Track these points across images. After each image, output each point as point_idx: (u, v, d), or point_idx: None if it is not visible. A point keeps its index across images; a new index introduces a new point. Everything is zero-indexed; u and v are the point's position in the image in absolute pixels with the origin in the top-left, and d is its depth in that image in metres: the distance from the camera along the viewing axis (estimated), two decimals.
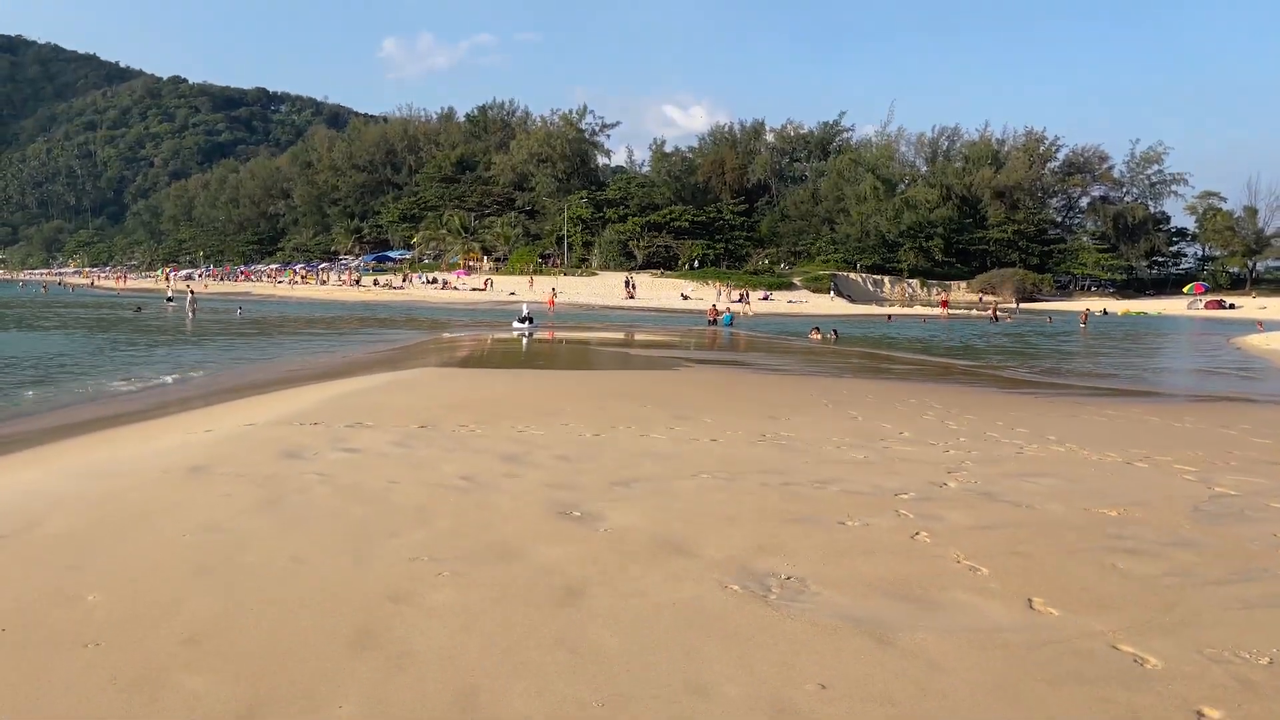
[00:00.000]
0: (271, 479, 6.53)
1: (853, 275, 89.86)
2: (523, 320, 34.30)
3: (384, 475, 6.72)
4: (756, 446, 8.65)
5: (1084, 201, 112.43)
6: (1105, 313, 65.37)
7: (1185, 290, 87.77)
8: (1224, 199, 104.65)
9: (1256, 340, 32.74)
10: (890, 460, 8.13)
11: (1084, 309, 56.58)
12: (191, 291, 50.21)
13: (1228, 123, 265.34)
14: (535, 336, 31.17)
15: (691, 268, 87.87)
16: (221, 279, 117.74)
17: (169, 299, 52.18)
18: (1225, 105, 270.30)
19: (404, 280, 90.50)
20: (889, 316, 53.50)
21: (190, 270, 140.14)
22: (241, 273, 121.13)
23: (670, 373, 17.96)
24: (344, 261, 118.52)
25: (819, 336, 33.44)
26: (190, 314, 42.55)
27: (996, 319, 49.40)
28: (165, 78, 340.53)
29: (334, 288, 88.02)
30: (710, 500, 6.25)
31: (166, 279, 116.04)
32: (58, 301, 64.30)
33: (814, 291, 79.79)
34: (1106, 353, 29.77)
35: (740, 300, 64.73)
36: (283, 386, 14.38)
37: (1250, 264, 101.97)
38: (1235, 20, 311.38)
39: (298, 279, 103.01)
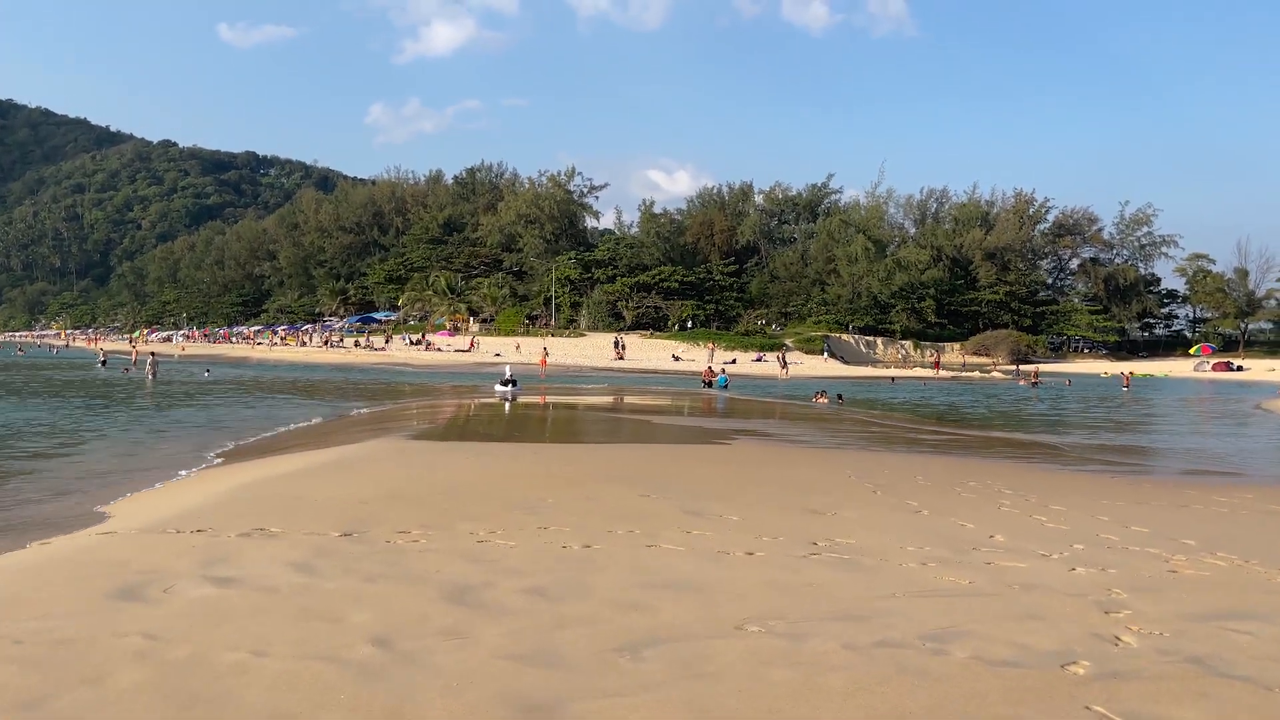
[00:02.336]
0: (60, 649, 4.04)
1: (845, 336, 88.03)
2: (505, 383, 31.77)
3: (248, 639, 4.23)
4: (812, 564, 6.19)
5: (1074, 263, 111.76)
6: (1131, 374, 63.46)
7: (1192, 351, 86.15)
8: (1213, 261, 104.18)
9: None
10: (1006, 587, 5.69)
11: (1127, 371, 53.87)
12: (153, 354, 47.44)
13: (1215, 185, 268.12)
14: (519, 400, 28.71)
15: (682, 328, 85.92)
16: (200, 340, 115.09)
17: (101, 361, 49.53)
18: (1212, 167, 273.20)
19: (386, 341, 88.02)
20: (893, 379, 51.14)
21: (171, 332, 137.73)
22: (222, 334, 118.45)
23: (672, 447, 15.39)
24: (329, 323, 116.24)
25: (824, 400, 31.09)
26: (150, 376, 39.86)
27: (1036, 383, 46.15)
28: (155, 141, 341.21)
29: (313, 349, 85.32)
30: (776, 687, 3.80)
31: (141, 340, 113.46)
32: (27, 363, 61.69)
33: (806, 353, 77.82)
34: (1158, 421, 26.84)
35: (780, 363, 58.92)
36: (197, 467, 11.83)
37: (1243, 325, 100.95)
38: (1219, 84, 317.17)
39: (277, 340, 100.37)
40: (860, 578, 5.79)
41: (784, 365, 57.80)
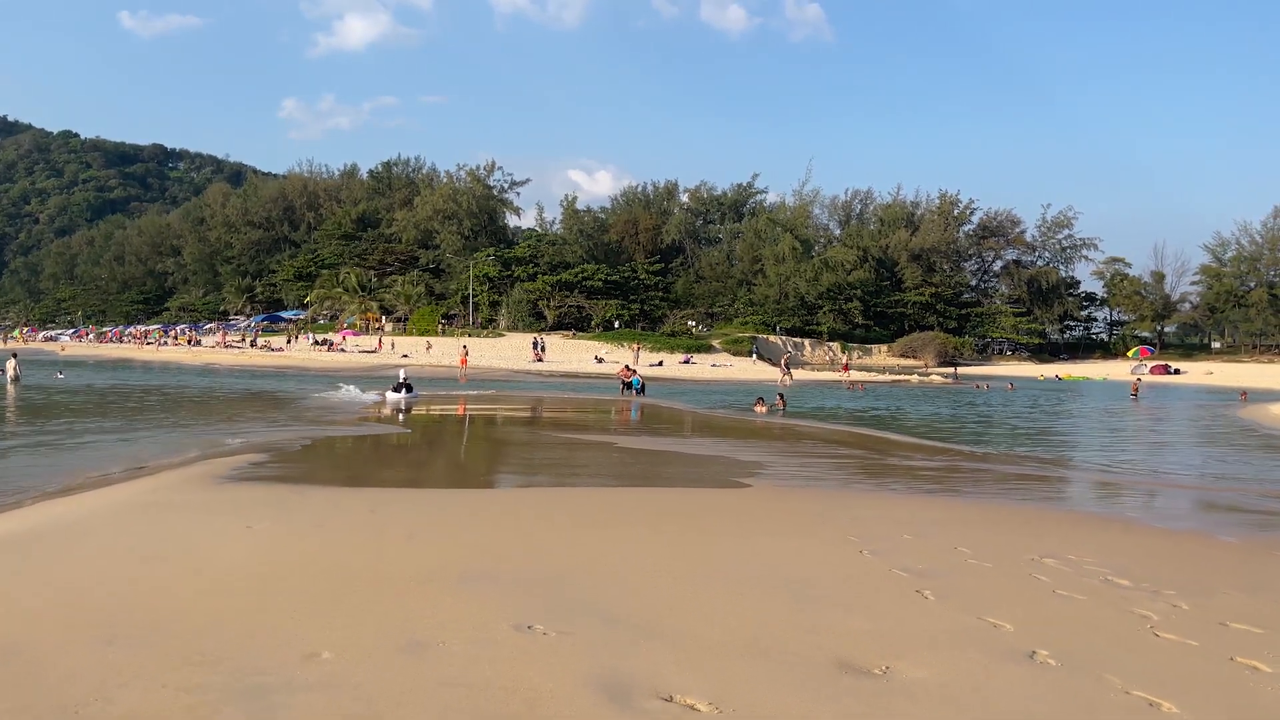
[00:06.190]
0: None
1: (772, 338, 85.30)
2: (398, 388, 27.22)
3: None
4: None
5: (998, 265, 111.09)
6: (1059, 378, 61.37)
7: (1130, 354, 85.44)
8: (1129, 264, 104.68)
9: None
10: None
11: (1135, 378, 45.81)
12: (14, 354, 41.41)
13: (1128, 191, 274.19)
14: (412, 411, 24.33)
15: (606, 329, 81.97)
16: (84, 339, 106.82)
17: None
18: (1123, 175, 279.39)
19: (288, 341, 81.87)
20: (851, 386, 46.60)
21: (59, 331, 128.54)
22: (112, 333, 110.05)
23: (588, 493, 10.97)
24: (234, 322, 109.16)
25: (764, 410, 27.35)
26: (10, 380, 34.22)
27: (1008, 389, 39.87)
28: (55, 132, 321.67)
29: (205, 350, 78.53)
30: None
31: (20, 339, 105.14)
32: None
33: (734, 354, 74.65)
34: (1181, 442, 21.64)
35: (783, 369, 50.05)
36: None
37: (1159, 328, 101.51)
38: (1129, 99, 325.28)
39: (166, 340, 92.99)
40: None
41: (786, 371, 49.63)
